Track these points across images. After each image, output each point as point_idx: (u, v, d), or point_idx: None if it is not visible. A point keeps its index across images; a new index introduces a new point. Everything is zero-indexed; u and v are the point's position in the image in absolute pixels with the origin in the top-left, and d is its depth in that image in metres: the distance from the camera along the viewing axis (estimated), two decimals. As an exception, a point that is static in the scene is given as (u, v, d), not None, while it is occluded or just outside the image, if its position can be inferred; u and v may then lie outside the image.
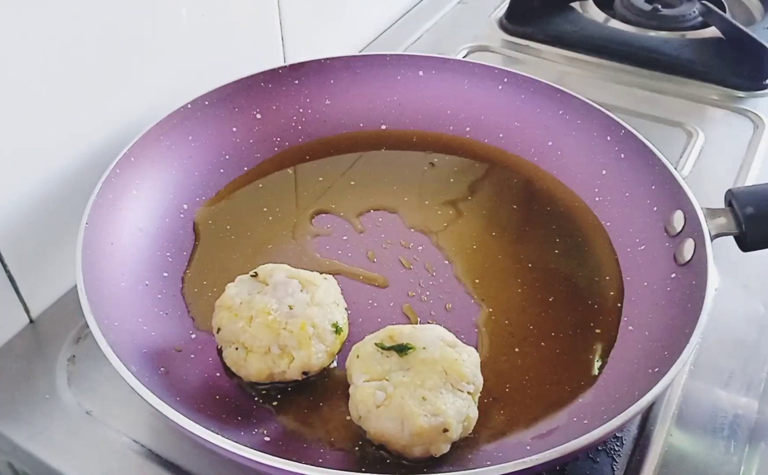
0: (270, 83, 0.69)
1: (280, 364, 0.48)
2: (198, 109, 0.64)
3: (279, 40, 0.77)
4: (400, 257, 0.60)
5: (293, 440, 0.46)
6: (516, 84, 0.70)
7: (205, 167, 0.64)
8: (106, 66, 0.58)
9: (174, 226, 0.60)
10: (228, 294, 0.51)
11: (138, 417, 0.50)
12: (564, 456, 0.40)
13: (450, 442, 0.44)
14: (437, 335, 0.47)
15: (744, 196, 0.54)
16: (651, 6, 0.94)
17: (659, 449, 0.49)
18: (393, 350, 0.46)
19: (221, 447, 0.40)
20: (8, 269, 0.54)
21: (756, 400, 0.52)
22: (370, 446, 0.46)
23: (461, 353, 0.47)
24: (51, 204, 0.56)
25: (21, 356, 0.54)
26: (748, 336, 0.57)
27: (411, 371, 0.45)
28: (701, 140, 0.76)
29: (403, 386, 0.44)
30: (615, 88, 0.84)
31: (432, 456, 0.44)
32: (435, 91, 0.72)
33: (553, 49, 0.91)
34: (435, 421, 0.43)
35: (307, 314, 0.49)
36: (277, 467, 0.39)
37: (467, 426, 0.45)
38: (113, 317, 0.49)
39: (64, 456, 0.48)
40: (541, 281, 0.58)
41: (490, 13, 0.99)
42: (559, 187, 0.66)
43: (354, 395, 0.45)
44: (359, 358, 0.47)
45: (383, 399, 0.44)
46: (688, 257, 0.53)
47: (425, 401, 0.44)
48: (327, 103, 0.71)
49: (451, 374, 0.45)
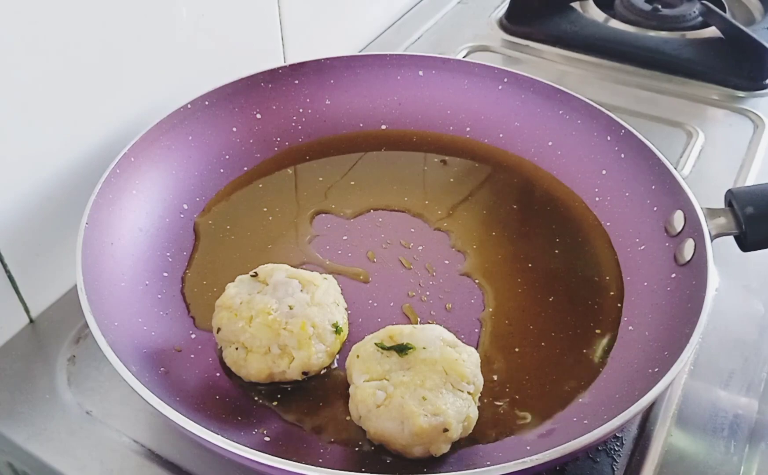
0: (270, 83, 0.69)
1: (280, 364, 0.48)
2: (198, 109, 0.64)
3: (279, 40, 0.77)
4: (400, 257, 0.60)
5: (293, 440, 0.46)
6: (516, 84, 0.70)
7: (205, 167, 0.64)
8: (106, 66, 0.58)
9: (174, 226, 0.60)
10: (228, 294, 0.51)
11: (138, 417, 0.50)
12: (564, 456, 0.40)
13: (450, 442, 0.44)
14: (437, 335, 0.47)
15: (744, 196, 0.54)
16: (651, 6, 0.94)
17: (659, 449, 0.49)
18: (393, 350, 0.46)
19: (221, 447, 0.40)
20: (8, 269, 0.54)
21: (756, 400, 0.52)
22: (370, 446, 0.46)
23: (461, 353, 0.47)
24: (51, 204, 0.56)
25: (21, 356, 0.54)
26: (748, 336, 0.57)
27: (411, 371, 0.45)
28: (701, 140, 0.76)
29: (403, 386, 0.44)
30: (615, 88, 0.84)
31: (432, 456, 0.44)
32: (435, 91, 0.72)
33: (553, 49, 0.91)
34: (435, 421, 0.43)
35: (307, 314, 0.49)
36: (277, 467, 0.39)
37: (467, 426, 0.45)
38: (113, 317, 0.49)
39: (64, 456, 0.48)
40: (541, 281, 0.58)
41: (490, 13, 0.99)
42: (559, 187, 0.66)
43: (354, 395, 0.45)
44: (359, 358, 0.47)
45: (383, 399, 0.44)
46: (688, 257, 0.53)
47: (425, 401, 0.44)
48: (327, 103, 0.71)
49: (451, 374, 0.45)
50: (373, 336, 0.48)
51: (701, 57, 0.86)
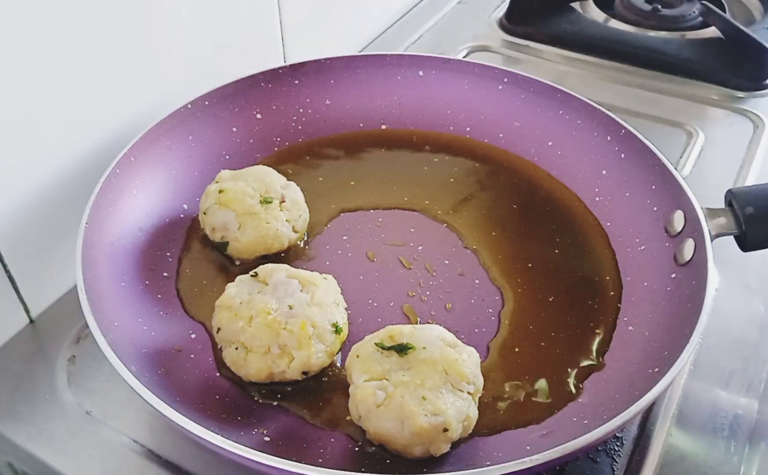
0: (270, 83, 0.69)
1: (279, 364, 0.48)
2: (198, 109, 0.64)
3: (279, 39, 0.77)
4: (399, 257, 0.60)
5: (293, 440, 0.46)
6: (516, 84, 0.70)
7: (205, 167, 0.64)
8: (106, 66, 0.58)
9: (174, 226, 0.60)
10: (228, 294, 0.51)
11: (138, 417, 0.50)
12: (564, 456, 0.40)
13: (450, 442, 0.44)
14: (437, 335, 0.47)
15: (744, 196, 0.54)
16: (651, 6, 0.94)
17: (659, 449, 0.49)
18: (393, 350, 0.46)
19: (221, 447, 0.40)
20: (8, 269, 0.54)
21: (756, 400, 0.52)
22: (370, 446, 0.46)
23: (461, 353, 0.47)
24: (51, 204, 0.56)
25: (21, 356, 0.54)
26: (748, 336, 0.57)
27: (411, 371, 0.45)
28: (701, 140, 0.76)
29: (403, 386, 0.44)
30: (615, 88, 0.84)
31: (432, 456, 0.44)
32: (435, 92, 0.72)
33: (553, 49, 0.91)
34: (435, 421, 0.43)
35: (307, 313, 0.49)
36: (277, 467, 0.39)
37: (467, 426, 0.45)
38: (113, 317, 0.49)
39: (64, 456, 0.48)
40: (541, 280, 0.58)
41: (490, 13, 0.99)
42: (559, 187, 0.66)
43: (354, 395, 0.46)
44: (359, 358, 0.47)
45: (383, 399, 0.44)
46: (688, 256, 0.53)
47: (425, 400, 0.44)
48: (327, 103, 0.71)
49: (451, 374, 0.45)
50: (373, 336, 0.48)
51: (701, 57, 0.86)
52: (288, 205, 0.59)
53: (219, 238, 0.57)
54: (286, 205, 0.59)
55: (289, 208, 0.59)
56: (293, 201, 0.59)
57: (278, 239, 0.57)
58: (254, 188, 0.58)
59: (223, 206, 0.57)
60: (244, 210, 0.57)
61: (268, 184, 0.59)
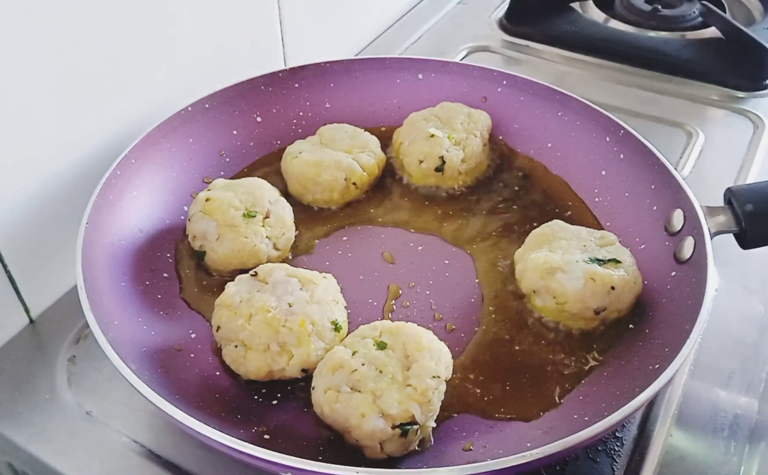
0: (270, 86, 0.69)
1: (279, 361, 0.48)
2: (198, 112, 0.65)
3: (279, 42, 0.77)
4: (399, 257, 0.60)
5: (292, 437, 0.46)
6: (515, 86, 0.70)
7: (205, 170, 0.65)
8: (108, 68, 0.58)
9: (174, 228, 0.60)
10: (228, 293, 0.51)
11: (138, 417, 0.50)
12: (564, 451, 0.40)
13: (407, 445, 0.45)
14: (414, 334, 0.48)
15: (743, 194, 0.54)
16: (651, 6, 0.94)
17: (659, 449, 0.49)
18: (366, 348, 0.47)
19: (221, 443, 0.40)
20: (8, 269, 0.54)
21: (756, 400, 0.52)
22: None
23: (432, 352, 0.47)
24: (51, 205, 0.56)
25: (21, 356, 0.55)
26: (748, 336, 0.56)
27: (377, 370, 0.45)
28: (701, 140, 0.76)
29: (364, 384, 0.45)
30: (615, 89, 0.84)
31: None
32: (435, 94, 0.72)
33: (553, 50, 0.91)
34: (385, 422, 0.43)
35: (307, 311, 0.49)
36: (277, 462, 0.39)
37: (424, 429, 0.46)
38: (113, 316, 0.49)
39: (64, 456, 0.48)
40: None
41: (490, 13, 0.99)
42: (559, 187, 0.66)
43: (312, 395, 0.46)
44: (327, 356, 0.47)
45: (338, 397, 0.45)
46: (688, 254, 0.53)
47: (379, 399, 0.44)
48: (327, 106, 0.72)
49: (415, 372, 0.45)
50: (351, 335, 0.49)
51: (701, 57, 0.86)
52: (272, 221, 0.57)
53: (198, 247, 0.56)
54: (270, 221, 0.57)
55: (273, 224, 0.57)
56: (279, 218, 0.58)
57: (255, 255, 0.56)
58: (241, 200, 0.57)
59: (206, 215, 0.56)
60: (225, 221, 0.55)
61: (256, 198, 0.57)
